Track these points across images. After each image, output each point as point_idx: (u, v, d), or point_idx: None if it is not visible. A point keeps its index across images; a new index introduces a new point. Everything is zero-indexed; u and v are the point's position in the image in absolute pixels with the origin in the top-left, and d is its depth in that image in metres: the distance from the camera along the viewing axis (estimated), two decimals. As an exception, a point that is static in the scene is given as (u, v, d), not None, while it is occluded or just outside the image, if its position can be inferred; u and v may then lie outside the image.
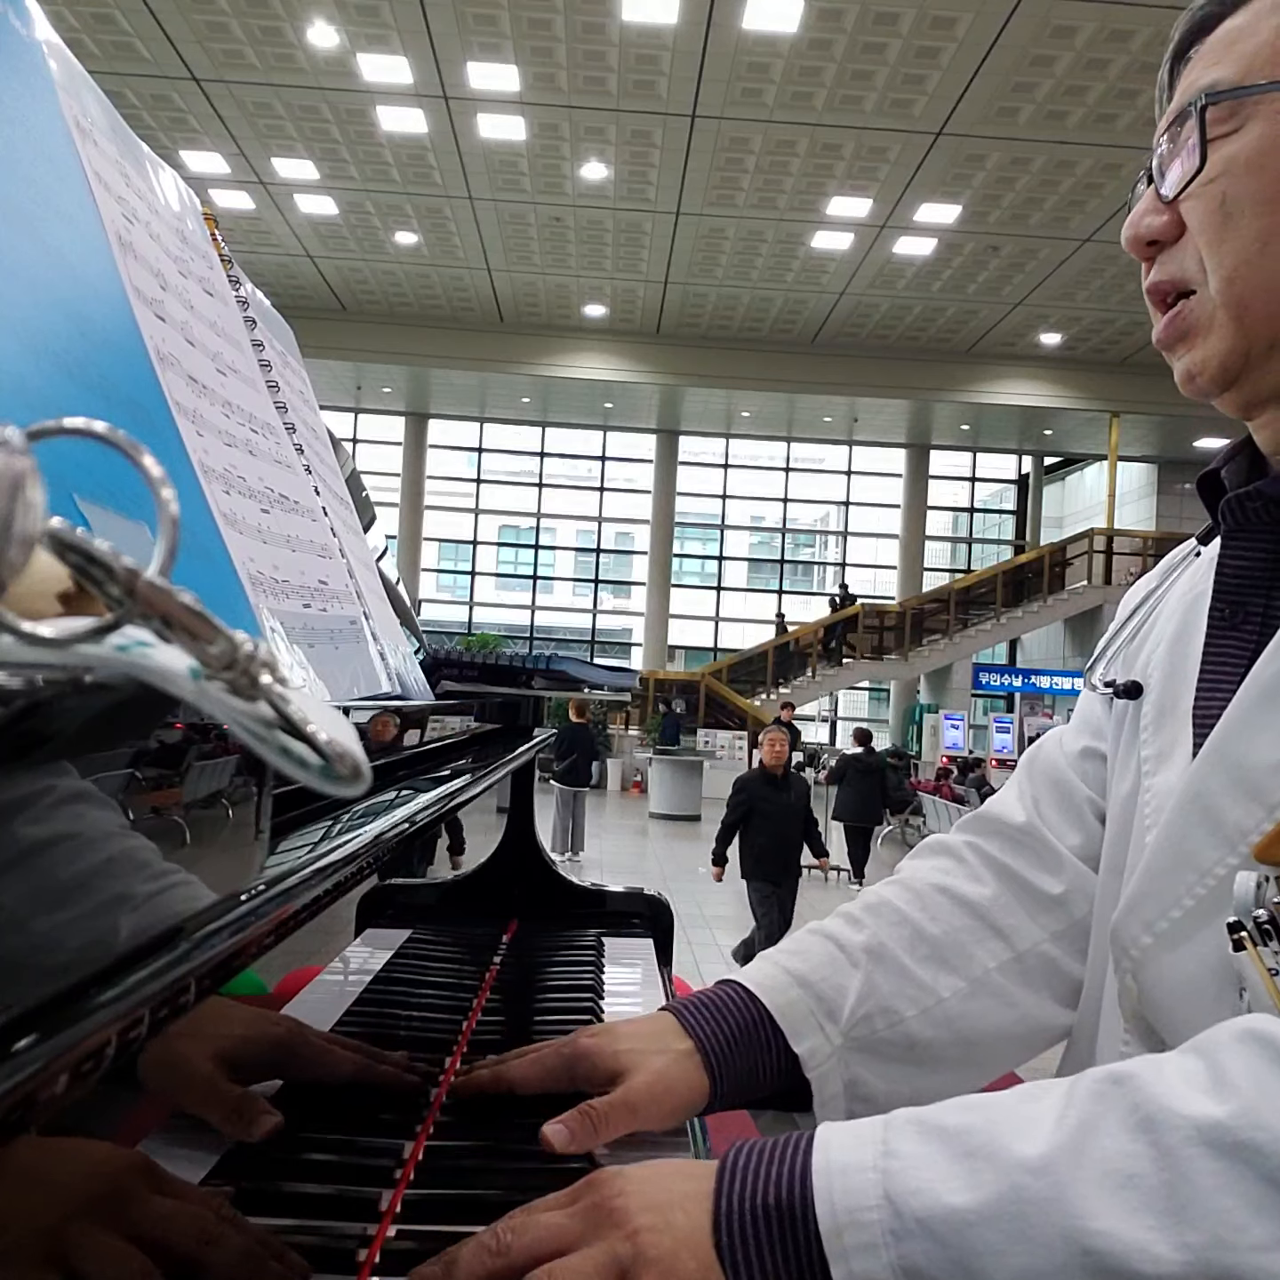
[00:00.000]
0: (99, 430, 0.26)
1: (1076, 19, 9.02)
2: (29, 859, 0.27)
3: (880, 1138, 0.50)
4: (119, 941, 0.30)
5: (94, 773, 0.30)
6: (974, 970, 0.80)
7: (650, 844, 11.20)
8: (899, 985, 0.78)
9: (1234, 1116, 0.44)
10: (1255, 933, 0.57)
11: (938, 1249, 0.45)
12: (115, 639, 0.24)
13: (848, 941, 0.80)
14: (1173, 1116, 0.45)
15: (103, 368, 0.49)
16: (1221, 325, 0.66)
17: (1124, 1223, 0.43)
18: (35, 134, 0.52)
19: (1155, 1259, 0.42)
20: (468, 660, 1.32)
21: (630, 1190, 0.53)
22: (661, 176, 12.04)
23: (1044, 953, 0.81)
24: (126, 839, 0.32)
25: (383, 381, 18.42)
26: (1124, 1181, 0.44)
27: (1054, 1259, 0.44)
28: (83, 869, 0.29)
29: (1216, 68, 0.66)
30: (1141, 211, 0.70)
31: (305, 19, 9.55)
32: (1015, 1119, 0.49)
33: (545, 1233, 0.52)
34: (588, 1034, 0.74)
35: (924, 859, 0.89)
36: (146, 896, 0.33)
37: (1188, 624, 0.73)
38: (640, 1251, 0.50)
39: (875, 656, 18.11)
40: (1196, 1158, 0.43)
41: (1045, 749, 0.90)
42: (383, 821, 0.61)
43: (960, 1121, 0.49)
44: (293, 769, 0.25)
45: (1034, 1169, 0.46)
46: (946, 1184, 0.47)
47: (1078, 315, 15.23)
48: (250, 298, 0.82)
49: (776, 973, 0.77)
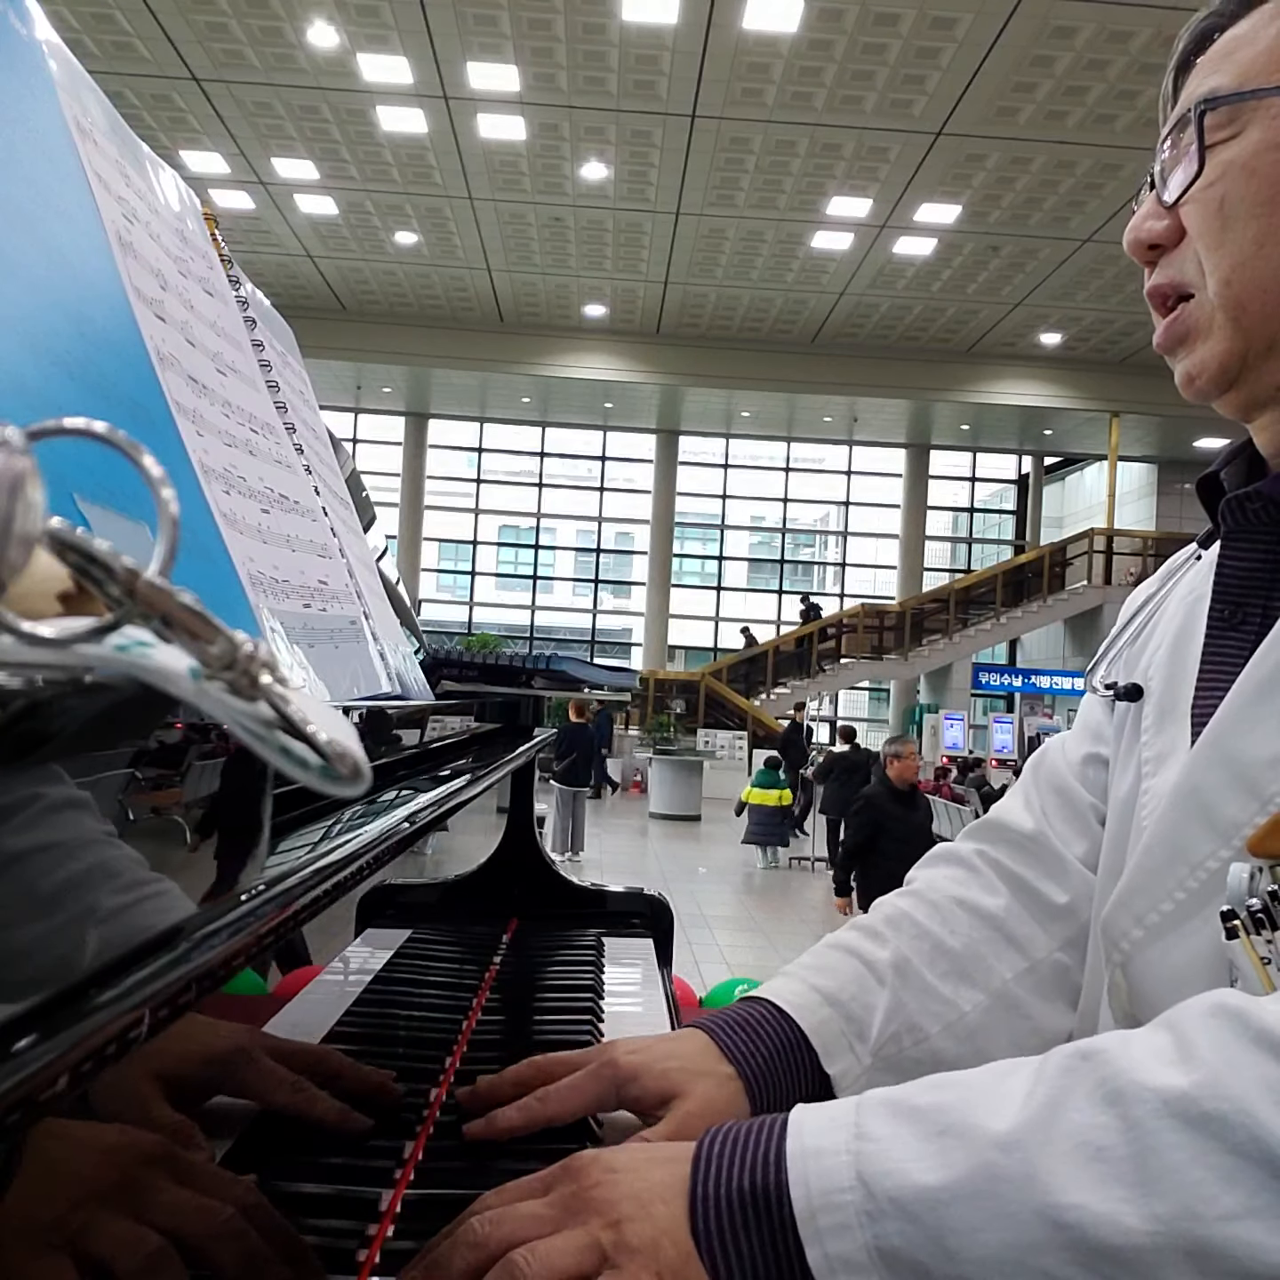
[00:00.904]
0: (99, 430, 0.26)
1: (1076, 19, 9.02)
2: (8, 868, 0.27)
3: (853, 1120, 0.50)
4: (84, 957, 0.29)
5: (94, 773, 0.30)
6: (993, 983, 0.80)
7: (650, 844, 11.20)
8: (923, 1002, 0.77)
9: (1200, 1087, 0.44)
10: (1248, 921, 0.57)
11: (912, 1228, 0.46)
12: (115, 639, 0.24)
13: (873, 958, 0.79)
14: (1140, 1089, 0.45)
15: (103, 368, 0.49)
16: (1220, 327, 0.67)
17: (1094, 1195, 0.44)
18: (35, 134, 0.52)
19: (1126, 1230, 0.43)
20: (468, 660, 1.32)
21: (608, 1180, 0.53)
22: (661, 176, 12.04)
23: (1057, 961, 0.81)
24: (106, 849, 0.31)
25: (383, 381, 18.42)
26: (1093, 1155, 0.45)
27: (1027, 1234, 0.44)
28: (59, 879, 0.29)
29: (1216, 75, 0.67)
30: (1143, 216, 0.71)
31: (305, 19, 9.55)
32: (985, 1096, 0.49)
33: (523, 1223, 0.52)
34: (625, 1051, 0.70)
35: (936, 868, 0.89)
36: (115, 910, 0.32)
37: (1188, 626, 0.73)
38: (623, 1240, 0.50)
39: (875, 656, 18.11)
40: (1164, 1130, 0.44)
41: (1049, 756, 0.90)
42: (383, 821, 0.61)
43: (931, 1100, 0.50)
44: (293, 769, 0.25)
45: (1004, 1145, 0.46)
46: (918, 1164, 0.47)
47: (1078, 315, 15.24)
48: (250, 298, 0.82)
49: (805, 990, 0.76)
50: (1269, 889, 0.57)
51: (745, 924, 5.99)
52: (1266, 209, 0.64)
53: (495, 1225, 0.52)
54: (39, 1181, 0.36)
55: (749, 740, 15.77)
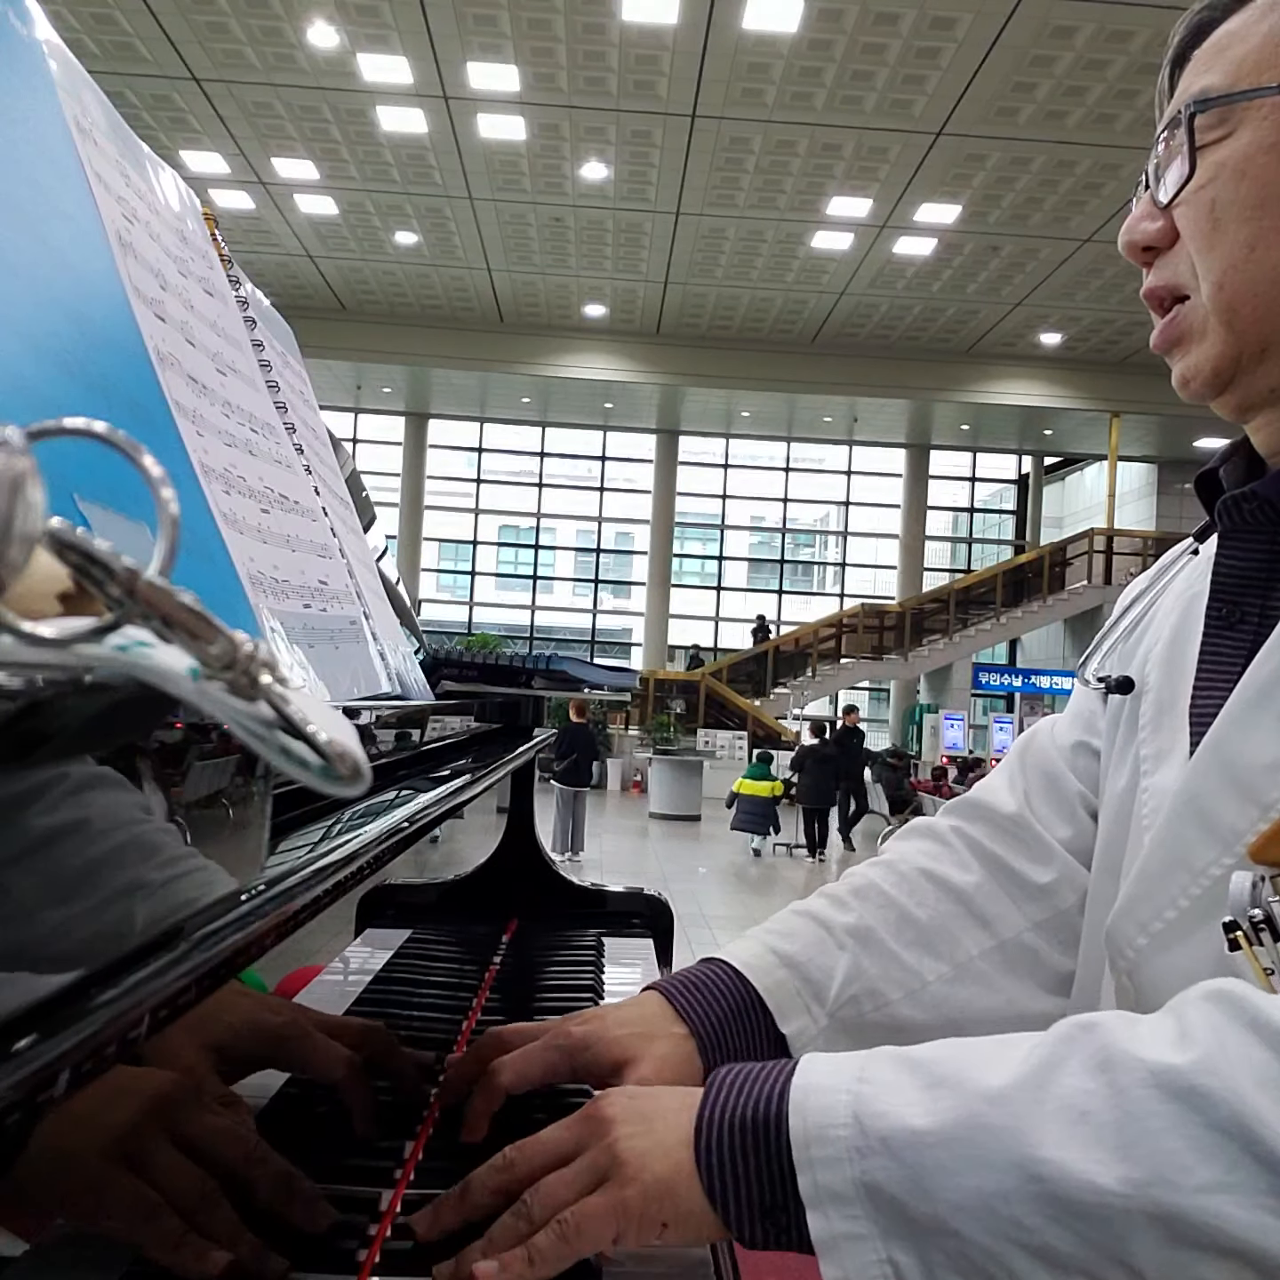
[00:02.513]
0: (99, 430, 0.26)
1: (1076, 19, 9.01)
2: (40, 848, 0.27)
3: (859, 1065, 0.53)
4: (134, 930, 0.30)
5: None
6: (958, 956, 0.81)
7: (650, 844, 11.20)
8: (885, 968, 0.79)
9: (1189, 1063, 0.45)
10: (1251, 932, 0.57)
11: (896, 1166, 0.48)
12: (115, 639, 0.24)
13: (834, 923, 0.80)
14: (1131, 1060, 0.47)
15: (103, 368, 0.49)
16: (1213, 330, 0.67)
17: (1072, 1154, 0.45)
18: (35, 134, 0.52)
19: (1098, 1190, 0.44)
20: (468, 660, 1.32)
21: (622, 1103, 0.57)
22: (661, 176, 12.03)
23: (1025, 942, 0.82)
24: (139, 825, 0.32)
25: (383, 381, 18.41)
26: (1077, 1117, 0.46)
27: (1003, 1183, 0.46)
28: (94, 857, 0.29)
29: (1208, 74, 0.66)
30: (1137, 217, 0.71)
31: (305, 19, 9.54)
32: (986, 1057, 0.51)
33: (543, 1147, 0.57)
34: (577, 1022, 0.72)
35: (910, 841, 0.89)
36: (160, 884, 0.33)
37: (1185, 623, 0.74)
38: (615, 1155, 0.54)
39: (875, 656, 18.11)
40: (1148, 1099, 0.45)
41: (1038, 739, 0.90)
42: (383, 821, 0.61)
43: (935, 1055, 0.53)
44: (293, 769, 0.25)
45: (993, 1099, 0.48)
46: (911, 1108, 0.50)
47: (1078, 315, 15.23)
48: (250, 298, 0.82)
49: (763, 952, 0.78)
50: (1271, 899, 0.57)
51: (745, 924, 5.99)
52: (1257, 212, 0.63)
53: (521, 1151, 0.57)
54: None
55: (749, 740, 15.77)
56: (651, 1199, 0.53)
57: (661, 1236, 0.54)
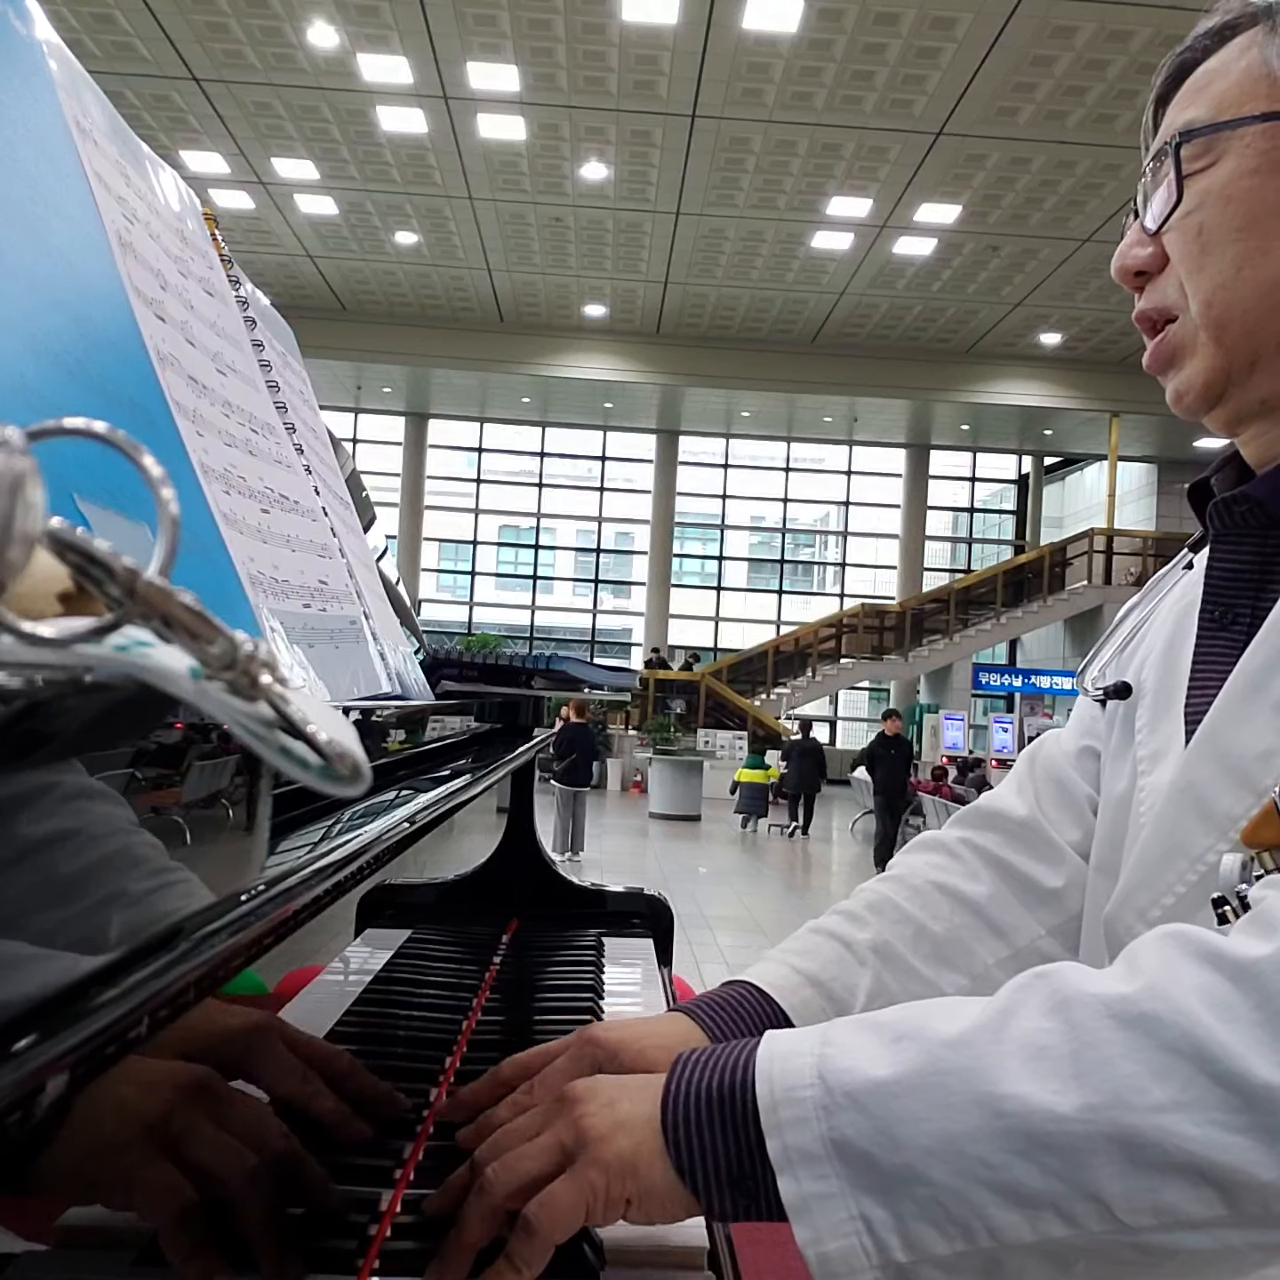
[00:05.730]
0: (99, 430, 0.26)
1: (1076, 19, 9.01)
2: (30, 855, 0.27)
3: (821, 1030, 0.54)
4: (111, 940, 0.30)
5: (94, 773, 0.30)
6: (975, 967, 0.82)
7: (650, 844, 11.20)
8: (905, 984, 0.79)
9: (1139, 991, 0.48)
10: (1239, 908, 0.58)
11: (863, 1119, 0.49)
12: (115, 639, 0.24)
13: (854, 941, 0.81)
14: (1085, 996, 0.49)
15: (103, 368, 0.49)
16: (1203, 346, 0.70)
17: (1031, 1087, 0.47)
18: (35, 134, 0.52)
19: (1059, 1118, 0.46)
20: (468, 660, 1.32)
21: (587, 1084, 0.58)
22: (661, 176, 12.03)
23: (1040, 949, 0.83)
24: (128, 835, 0.32)
25: (383, 381, 18.41)
26: (1036, 1053, 0.48)
27: (968, 1123, 0.47)
28: (82, 865, 0.29)
29: (1191, 108, 0.71)
30: (1129, 244, 0.75)
31: (305, 19, 9.54)
32: (946, 1010, 0.53)
33: (510, 1136, 0.58)
34: (601, 1029, 0.71)
35: (918, 854, 0.90)
36: (142, 894, 0.33)
37: (1180, 631, 0.76)
38: (581, 1132, 0.54)
39: (875, 656, 18.10)
40: (1102, 1029, 0.47)
41: (1045, 747, 0.92)
42: (383, 821, 0.61)
43: (896, 1015, 0.54)
44: (293, 769, 0.25)
45: (953, 1044, 0.50)
46: (874, 1062, 0.51)
47: (1078, 315, 15.23)
48: (250, 298, 0.82)
49: (787, 972, 0.78)
50: (1259, 874, 0.58)
51: (745, 924, 6.00)
52: (1243, 234, 0.67)
53: (491, 1143, 0.58)
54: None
55: (749, 740, 15.77)
56: (614, 1175, 0.53)
57: (628, 1214, 0.54)
